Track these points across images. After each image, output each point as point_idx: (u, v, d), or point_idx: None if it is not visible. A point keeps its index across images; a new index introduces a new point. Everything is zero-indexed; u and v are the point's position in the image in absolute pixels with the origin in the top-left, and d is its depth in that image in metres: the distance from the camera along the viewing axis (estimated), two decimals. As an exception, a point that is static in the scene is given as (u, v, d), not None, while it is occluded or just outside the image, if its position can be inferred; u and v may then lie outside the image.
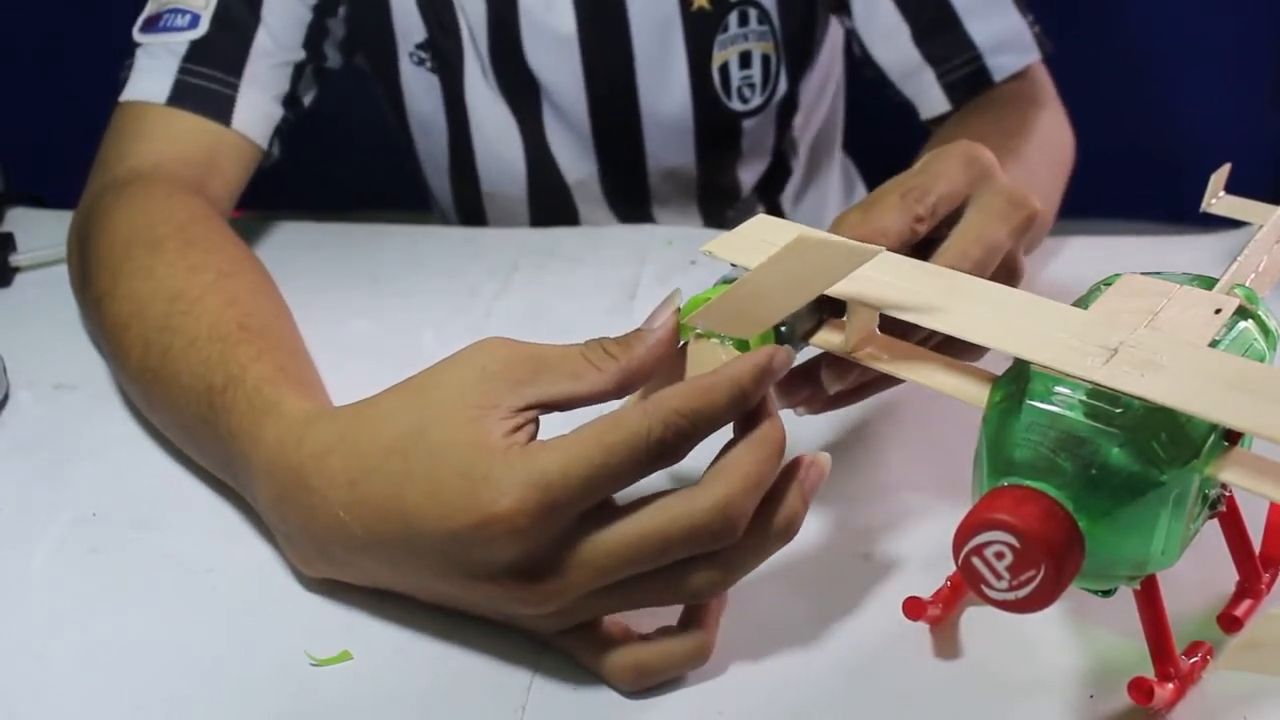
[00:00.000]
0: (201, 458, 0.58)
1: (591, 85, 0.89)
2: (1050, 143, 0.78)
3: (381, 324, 0.74)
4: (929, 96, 0.84)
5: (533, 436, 0.44)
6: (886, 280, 0.47)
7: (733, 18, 0.88)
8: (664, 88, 0.89)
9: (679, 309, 0.47)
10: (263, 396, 0.53)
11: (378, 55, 0.91)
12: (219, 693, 0.48)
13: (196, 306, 0.59)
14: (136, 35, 0.79)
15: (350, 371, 0.65)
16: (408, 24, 0.89)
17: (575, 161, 0.94)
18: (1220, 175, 0.56)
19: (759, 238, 0.49)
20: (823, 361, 0.53)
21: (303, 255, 0.81)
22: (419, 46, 0.90)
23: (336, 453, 0.47)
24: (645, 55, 0.88)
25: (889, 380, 0.55)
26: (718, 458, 0.44)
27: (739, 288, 0.45)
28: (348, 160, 1.00)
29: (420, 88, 0.93)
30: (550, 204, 0.96)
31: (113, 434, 0.64)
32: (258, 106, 0.79)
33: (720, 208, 0.98)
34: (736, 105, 0.90)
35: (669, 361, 0.47)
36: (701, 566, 0.44)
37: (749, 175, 0.97)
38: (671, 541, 0.43)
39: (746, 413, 0.45)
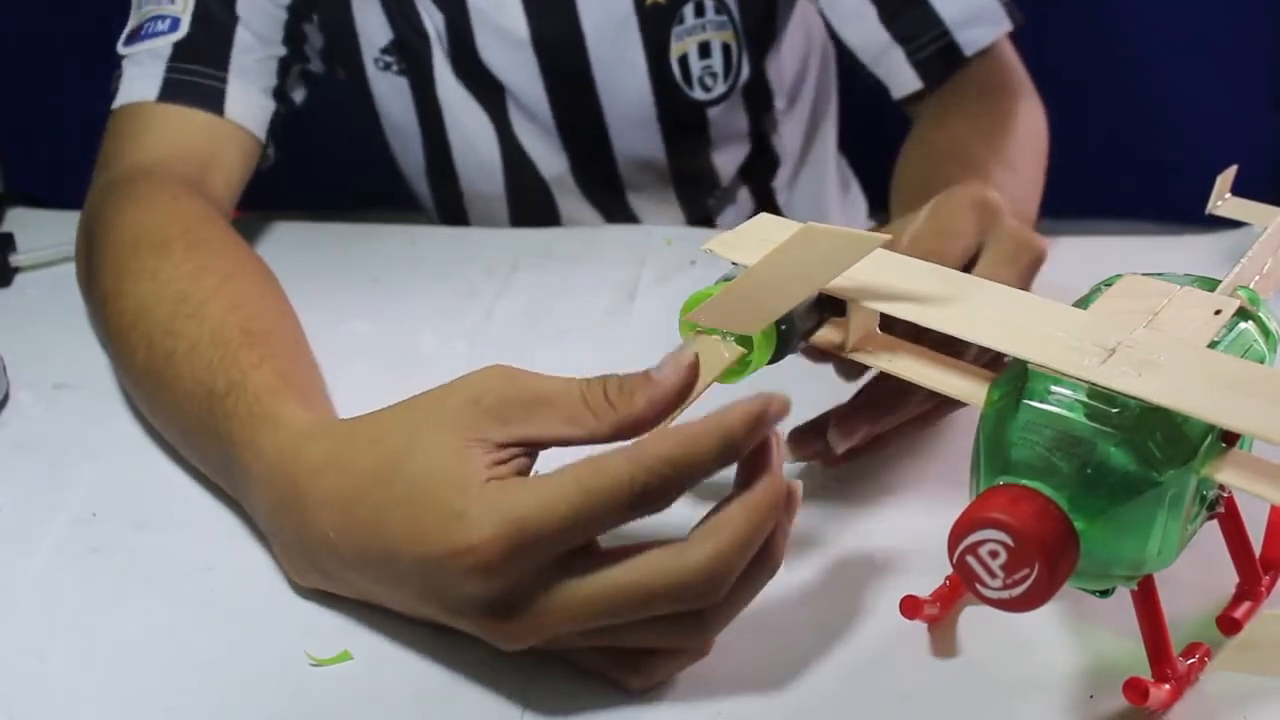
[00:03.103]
0: (200, 462, 0.58)
1: (550, 84, 0.89)
2: (1032, 136, 0.78)
3: (380, 324, 0.74)
4: (900, 76, 0.83)
5: (522, 470, 0.44)
6: (887, 279, 0.47)
7: (688, 9, 0.87)
8: (624, 82, 0.89)
9: (694, 362, 0.45)
10: (263, 405, 0.53)
11: (347, 63, 0.91)
12: (219, 693, 0.48)
13: (201, 310, 0.59)
14: (121, 49, 0.80)
15: (349, 372, 0.65)
16: (371, 29, 0.89)
17: (548, 156, 0.93)
18: (1226, 177, 0.56)
19: (760, 236, 0.49)
20: (831, 420, 0.54)
21: (302, 255, 0.81)
22: (384, 51, 0.90)
23: (329, 471, 0.47)
24: (601, 52, 0.88)
25: (902, 431, 0.56)
26: (712, 511, 0.44)
27: (744, 280, 0.45)
28: (347, 160, 1.00)
29: (389, 93, 0.92)
30: (529, 200, 0.95)
31: (113, 434, 0.64)
32: (248, 98, 0.80)
33: (699, 195, 0.97)
34: (699, 95, 0.90)
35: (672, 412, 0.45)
36: (683, 618, 0.44)
37: (726, 162, 0.96)
38: (654, 597, 0.42)
39: (746, 463, 0.44)
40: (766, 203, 1.01)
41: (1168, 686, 0.44)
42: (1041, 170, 0.77)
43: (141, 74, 0.78)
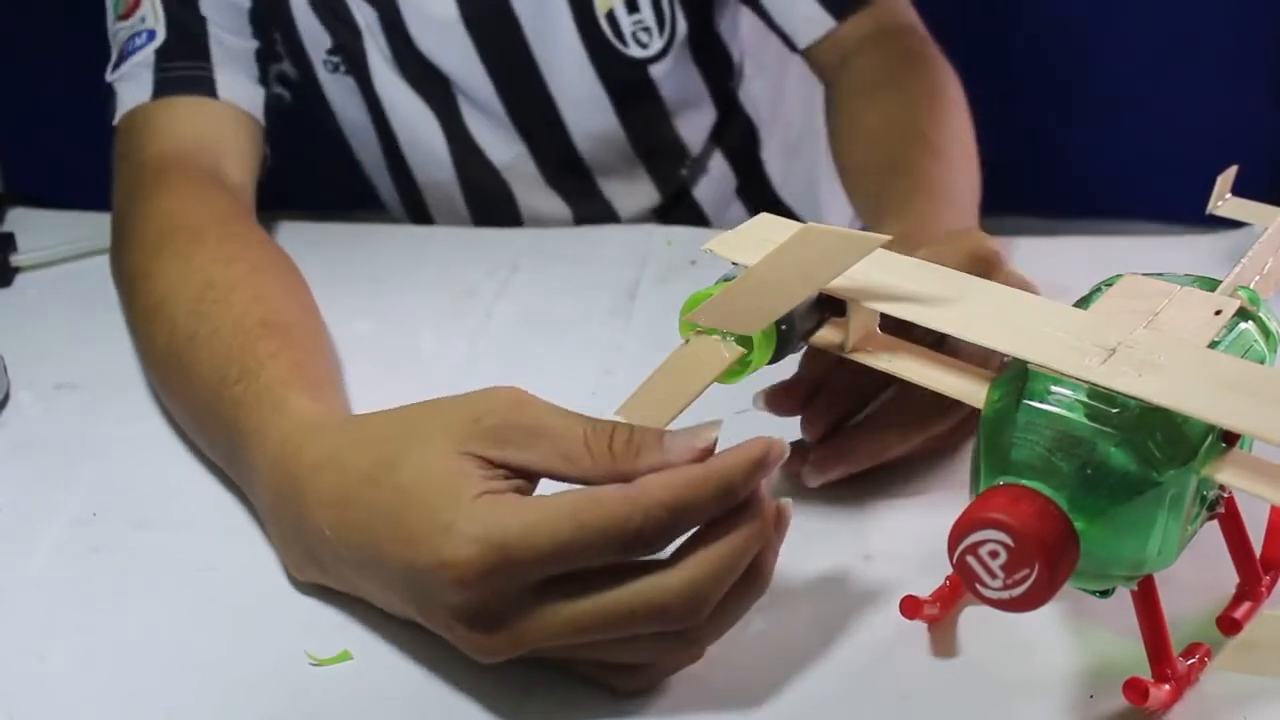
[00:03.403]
0: (208, 448, 0.59)
1: (489, 63, 0.88)
2: (964, 108, 0.77)
3: (381, 324, 0.74)
4: (806, 16, 0.82)
5: (520, 491, 0.44)
6: (887, 279, 0.47)
7: None
8: (558, 49, 0.87)
9: (710, 447, 0.43)
10: (273, 395, 0.54)
11: (300, 68, 0.91)
12: (219, 692, 0.48)
13: (228, 296, 0.60)
14: (109, 77, 0.80)
15: (350, 372, 0.65)
16: (313, 33, 0.88)
17: (499, 144, 0.92)
18: (1227, 177, 0.56)
19: (760, 236, 0.49)
20: (810, 456, 0.54)
21: (303, 255, 0.80)
22: (329, 53, 0.90)
23: (328, 468, 0.48)
24: (529, 19, 0.86)
25: (897, 462, 0.56)
26: (697, 532, 0.43)
27: (744, 280, 0.45)
28: (347, 160, 1.00)
29: (341, 94, 0.92)
30: (483, 189, 0.94)
31: (113, 434, 0.64)
32: (238, 83, 0.80)
33: (669, 168, 0.95)
34: (636, 52, 0.88)
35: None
36: (668, 636, 0.44)
37: (692, 129, 0.95)
38: (635, 618, 0.42)
39: None
40: (755, 175, 0.99)
41: (1168, 687, 0.44)
42: (974, 147, 0.76)
43: (134, 85, 0.79)
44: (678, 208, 0.97)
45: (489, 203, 0.95)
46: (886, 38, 0.82)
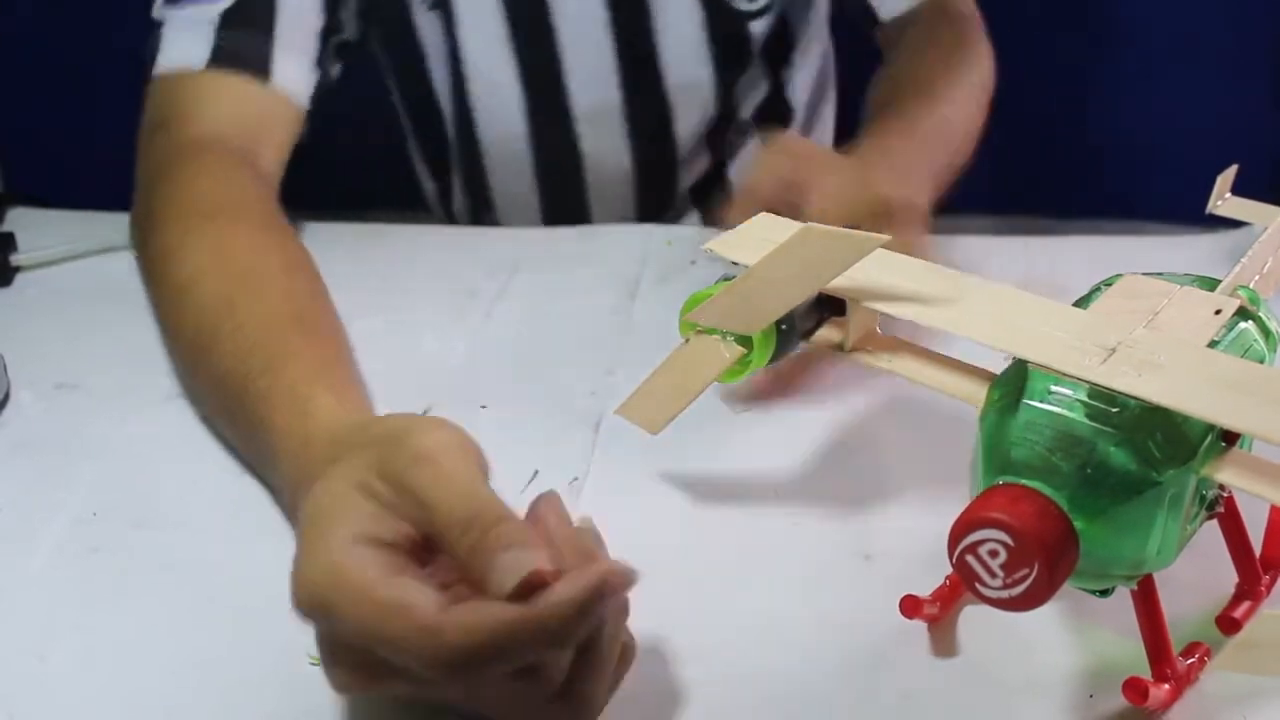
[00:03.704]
0: (230, 434, 0.60)
1: (612, 3, 0.88)
2: (983, 78, 0.85)
3: (381, 324, 0.73)
4: None
5: (401, 542, 0.42)
6: (887, 279, 0.47)
7: None
8: None
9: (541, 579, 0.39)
10: (297, 393, 0.54)
11: (391, 17, 0.89)
12: (219, 692, 0.48)
13: (260, 289, 0.61)
14: (159, 11, 0.78)
15: (350, 372, 0.65)
16: None
17: (587, 88, 0.91)
18: (1227, 177, 0.56)
19: (760, 236, 0.49)
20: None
21: (303, 255, 0.81)
22: None
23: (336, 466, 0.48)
24: None
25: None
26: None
27: (744, 280, 0.45)
28: (348, 160, 0.99)
29: (433, 34, 0.91)
30: (553, 137, 0.94)
31: (113, 434, 0.64)
32: (295, 67, 0.79)
33: (723, 135, 0.97)
34: (743, 4, 0.90)
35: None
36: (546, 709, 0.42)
37: (748, 101, 0.96)
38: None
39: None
40: None
41: (1167, 686, 0.44)
42: (983, 109, 0.83)
43: (189, 38, 0.77)
44: (715, 179, 0.98)
45: (553, 152, 0.94)
46: (945, 19, 0.89)
